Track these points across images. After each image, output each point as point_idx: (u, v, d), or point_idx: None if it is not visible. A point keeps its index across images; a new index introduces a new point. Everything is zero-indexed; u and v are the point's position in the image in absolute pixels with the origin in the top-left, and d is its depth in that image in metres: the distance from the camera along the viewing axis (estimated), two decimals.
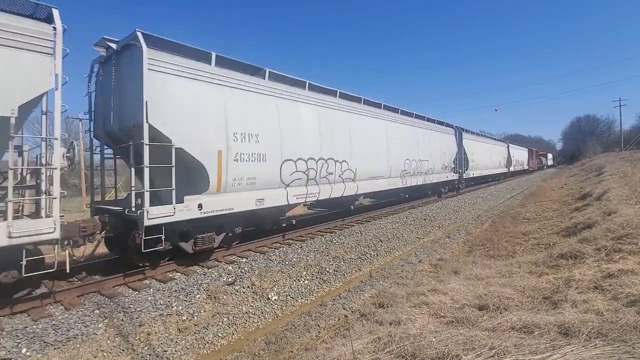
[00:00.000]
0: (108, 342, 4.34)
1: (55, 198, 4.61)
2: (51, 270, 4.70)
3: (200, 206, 6.12)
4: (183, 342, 4.70)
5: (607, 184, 13.85)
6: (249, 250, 7.93)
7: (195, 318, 5.10)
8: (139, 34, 5.56)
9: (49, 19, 4.60)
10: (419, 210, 13.95)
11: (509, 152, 33.11)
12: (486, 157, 24.81)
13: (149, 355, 4.35)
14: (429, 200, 16.93)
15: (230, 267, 6.68)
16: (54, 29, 4.48)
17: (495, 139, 29.78)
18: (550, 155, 76.12)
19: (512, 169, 34.45)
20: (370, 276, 7.41)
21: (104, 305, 4.97)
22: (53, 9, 4.60)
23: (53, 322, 4.43)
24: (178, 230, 6.19)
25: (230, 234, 7.26)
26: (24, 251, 4.43)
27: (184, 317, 5.04)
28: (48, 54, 4.44)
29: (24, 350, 3.93)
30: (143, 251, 5.47)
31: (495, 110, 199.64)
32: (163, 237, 5.66)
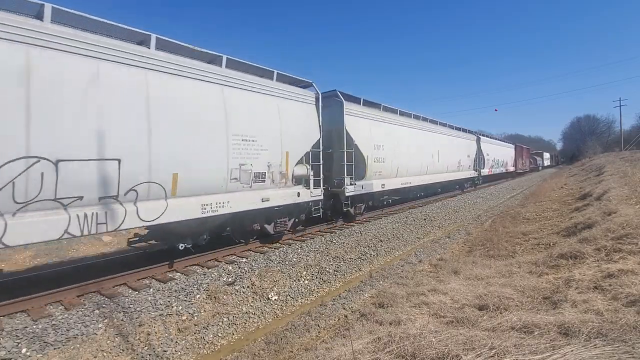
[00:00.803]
0: (108, 342, 4.33)
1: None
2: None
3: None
4: (183, 342, 4.70)
5: (607, 184, 13.84)
6: (249, 250, 7.93)
7: (195, 318, 5.10)
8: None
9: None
10: (419, 210, 13.95)
11: (479, 148, 23.14)
12: (422, 155, 14.42)
13: (149, 355, 4.35)
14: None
15: (230, 267, 6.68)
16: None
17: (452, 128, 19.21)
18: (546, 155, 68.06)
19: (486, 171, 24.79)
20: (370, 276, 7.41)
21: (104, 305, 4.97)
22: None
23: (53, 322, 4.43)
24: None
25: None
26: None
27: (184, 317, 5.04)
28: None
29: (24, 350, 3.92)
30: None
31: (495, 110, 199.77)
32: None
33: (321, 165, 8.90)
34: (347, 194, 9.91)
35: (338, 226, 10.57)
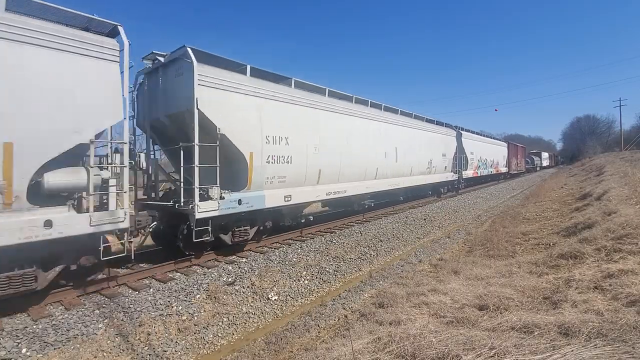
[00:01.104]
0: (108, 342, 4.33)
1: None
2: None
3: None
4: (183, 342, 4.70)
5: (607, 184, 13.84)
6: (249, 250, 7.93)
7: (195, 318, 5.10)
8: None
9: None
10: (419, 211, 13.96)
11: (460, 145, 19.49)
12: (367, 153, 10.92)
13: (149, 355, 4.35)
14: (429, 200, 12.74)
15: (230, 267, 6.68)
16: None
17: (422, 120, 15.63)
18: (545, 155, 62.94)
19: (470, 173, 21.43)
20: (370, 276, 7.41)
21: (104, 305, 4.97)
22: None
23: (53, 322, 4.43)
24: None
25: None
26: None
27: (184, 317, 5.04)
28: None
29: (24, 350, 3.93)
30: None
31: (496, 110, 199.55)
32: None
33: (126, 169, 5.34)
34: (198, 217, 6.16)
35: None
